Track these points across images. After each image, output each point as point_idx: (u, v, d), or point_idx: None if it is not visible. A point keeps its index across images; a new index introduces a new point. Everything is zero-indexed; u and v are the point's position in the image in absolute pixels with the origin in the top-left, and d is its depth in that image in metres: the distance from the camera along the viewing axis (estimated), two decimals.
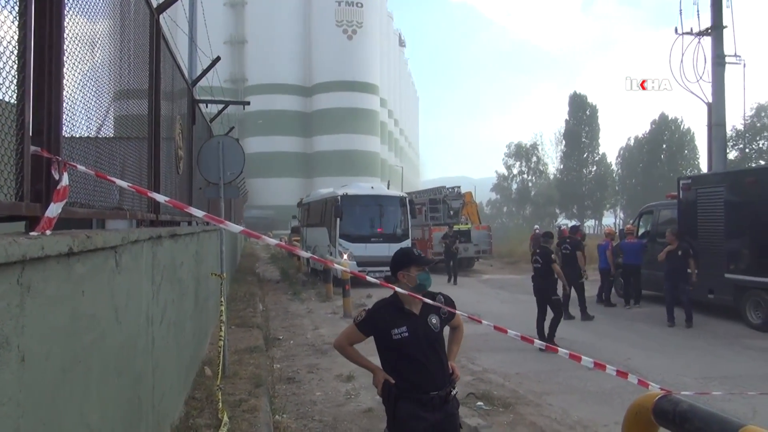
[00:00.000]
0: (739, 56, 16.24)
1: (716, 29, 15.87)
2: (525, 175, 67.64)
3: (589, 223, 61.59)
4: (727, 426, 2.49)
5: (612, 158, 63.84)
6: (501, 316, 11.98)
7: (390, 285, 2.96)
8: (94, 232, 2.39)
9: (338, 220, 16.31)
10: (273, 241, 2.75)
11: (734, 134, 45.26)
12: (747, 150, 47.75)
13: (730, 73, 16.40)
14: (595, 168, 61.43)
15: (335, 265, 4.02)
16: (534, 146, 66.56)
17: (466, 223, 23.53)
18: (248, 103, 11.88)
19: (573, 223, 46.20)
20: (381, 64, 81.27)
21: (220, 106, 10.89)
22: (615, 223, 58.12)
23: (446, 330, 3.34)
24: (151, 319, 3.64)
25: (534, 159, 66.85)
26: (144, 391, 3.43)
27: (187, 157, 6.60)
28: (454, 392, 3.15)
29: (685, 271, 10.75)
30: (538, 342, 2.88)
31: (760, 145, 48.23)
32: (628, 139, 62.36)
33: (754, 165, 40.26)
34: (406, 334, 3.03)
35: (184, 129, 6.38)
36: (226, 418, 4.76)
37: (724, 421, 2.54)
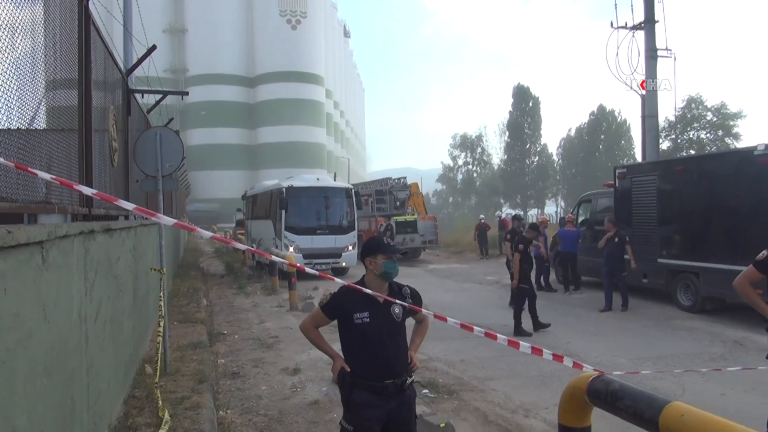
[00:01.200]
0: (670, 50, 16.97)
1: (648, 23, 16.50)
2: (470, 166, 68.83)
3: (532, 212, 63.14)
4: (654, 403, 2.61)
5: (553, 149, 65.67)
6: (446, 305, 12.16)
7: (329, 276, 2.96)
8: (15, 227, 2.28)
9: (283, 212, 16.13)
10: (207, 234, 2.69)
11: (667, 125, 47.26)
12: (679, 140, 49.92)
13: (663, 66, 17.07)
14: (537, 158, 63.01)
15: (272, 256, 3.94)
16: (479, 137, 67.83)
17: (413, 214, 23.72)
18: (187, 93, 11.54)
19: (512, 212, 47.17)
20: (326, 54, 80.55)
21: (158, 97, 10.55)
22: (556, 212, 59.79)
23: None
24: (84, 317, 3.52)
25: (479, 150, 68.11)
26: (78, 392, 3.31)
27: (122, 149, 6.38)
28: (410, 381, 3.20)
29: (622, 257, 11.14)
30: (477, 329, 2.93)
31: (691, 136, 50.49)
32: (569, 130, 64.31)
33: (684, 154, 42.09)
34: (368, 319, 3.07)
35: (119, 120, 6.16)
36: (167, 416, 4.66)
37: (652, 398, 2.66)
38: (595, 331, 9.53)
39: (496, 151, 67.91)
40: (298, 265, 3.15)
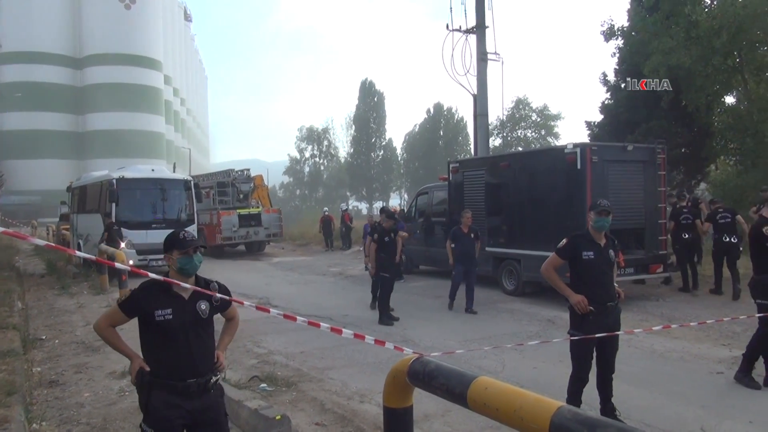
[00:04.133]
0: (499, 54, 18.32)
1: (479, 28, 17.65)
2: (317, 159, 69.16)
3: (377, 205, 65.05)
4: (464, 379, 2.85)
5: (398, 143, 68.25)
6: (289, 297, 12.17)
7: (140, 270, 2.83)
8: None
9: (113, 205, 15.02)
10: None
11: (498, 124, 51.31)
12: (509, 138, 54.42)
13: (493, 69, 18.35)
14: (382, 152, 65.09)
15: (76, 252, 3.49)
16: (325, 130, 68.31)
17: (257, 207, 23.33)
18: None
19: (357, 205, 48.07)
20: (165, 38, 75.87)
21: None
22: (400, 204, 62.12)
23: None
24: None
25: (325, 143, 68.61)
26: None
27: None
28: (215, 380, 3.10)
29: (474, 253, 10.62)
30: (300, 319, 2.98)
31: (519, 134, 55.29)
32: (415, 126, 67.05)
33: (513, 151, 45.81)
34: (170, 316, 2.94)
35: None
36: None
37: (462, 375, 2.90)
38: (429, 317, 10.07)
39: (342, 144, 69.02)
40: (98, 258, 2.96)
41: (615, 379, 5.04)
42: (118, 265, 2.91)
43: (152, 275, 2.84)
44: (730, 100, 18.16)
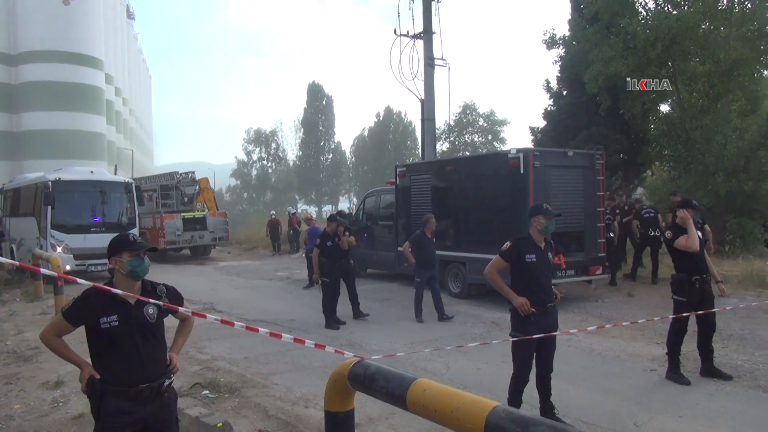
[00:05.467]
0: (445, 59, 18.60)
1: (427, 34, 17.89)
2: (265, 162, 68.35)
3: (327, 208, 64.79)
4: (403, 381, 2.88)
5: (347, 146, 68.21)
6: (234, 302, 11.97)
7: (71, 278, 2.75)
8: None
9: (49, 208, 14.46)
10: None
11: (446, 128, 51.95)
12: (456, 143, 55.17)
13: (441, 74, 18.59)
14: (331, 155, 64.93)
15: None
16: (273, 133, 67.59)
17: (203, 210, 22.88)
18: None
19: (307, 209, 47.77)
20: (106, 36, 73.29)
21: None
22: (349, 207, 62.02)
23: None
24: None
25: (274, 145, 67.90)
26: None
27: None
28: (167, 383, 3.07)
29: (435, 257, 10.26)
30: (238, 324, 2.94)
31: (467, 139, 56.12)
32: (363, 129, 67.17)
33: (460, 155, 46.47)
34: (116, 323, 2.89)
35: None
36: None
37: (402, 378, 2.93)
38: (376, 320, 10.08)
39: (291, 147, 68.47)
40: (24, 264, 2.86)
41: (554, 378, 5.18)
42: (43, 270, 2.78)
43: (81, 281, 2.74)
44: (664, 108, 18.98)
